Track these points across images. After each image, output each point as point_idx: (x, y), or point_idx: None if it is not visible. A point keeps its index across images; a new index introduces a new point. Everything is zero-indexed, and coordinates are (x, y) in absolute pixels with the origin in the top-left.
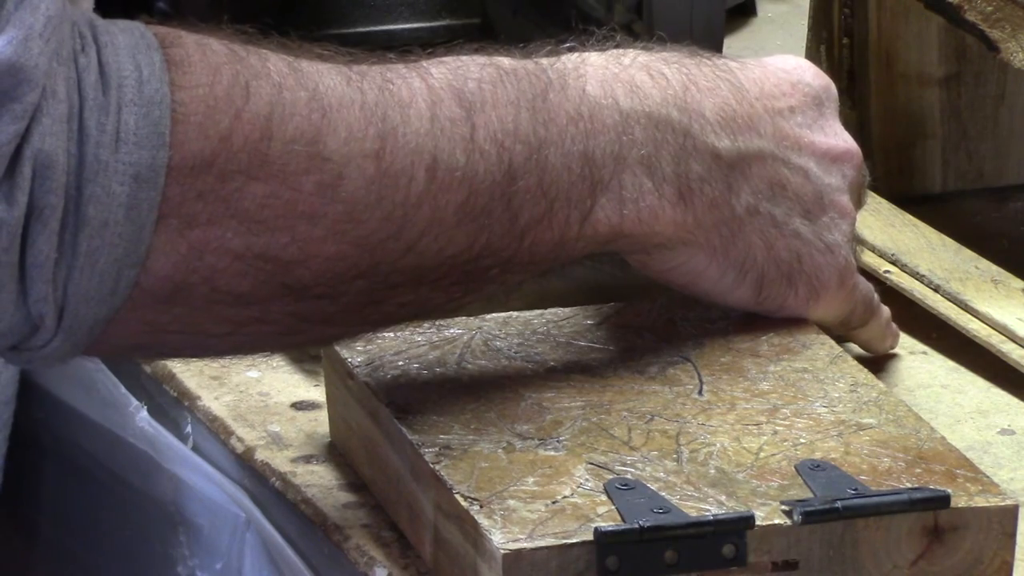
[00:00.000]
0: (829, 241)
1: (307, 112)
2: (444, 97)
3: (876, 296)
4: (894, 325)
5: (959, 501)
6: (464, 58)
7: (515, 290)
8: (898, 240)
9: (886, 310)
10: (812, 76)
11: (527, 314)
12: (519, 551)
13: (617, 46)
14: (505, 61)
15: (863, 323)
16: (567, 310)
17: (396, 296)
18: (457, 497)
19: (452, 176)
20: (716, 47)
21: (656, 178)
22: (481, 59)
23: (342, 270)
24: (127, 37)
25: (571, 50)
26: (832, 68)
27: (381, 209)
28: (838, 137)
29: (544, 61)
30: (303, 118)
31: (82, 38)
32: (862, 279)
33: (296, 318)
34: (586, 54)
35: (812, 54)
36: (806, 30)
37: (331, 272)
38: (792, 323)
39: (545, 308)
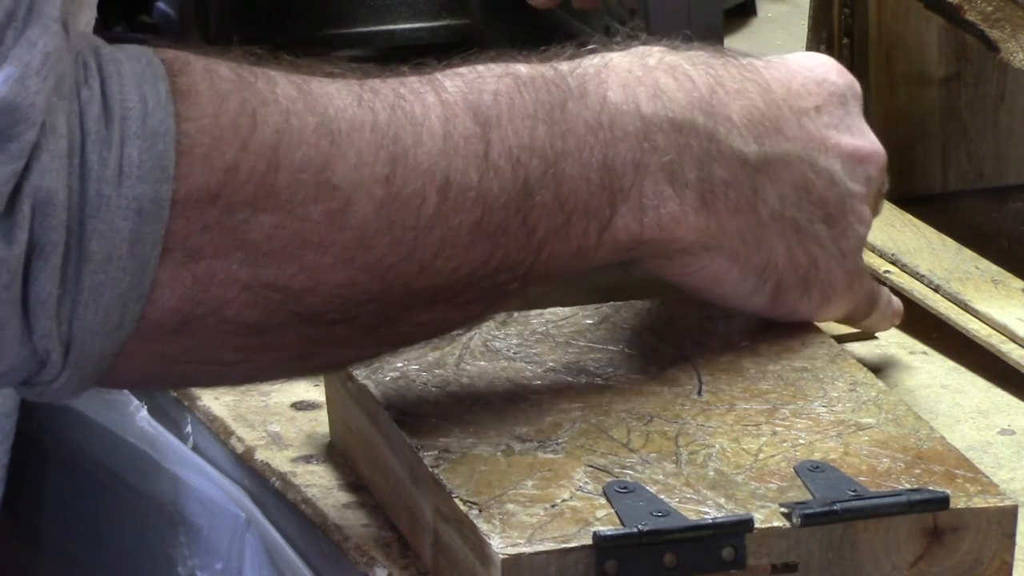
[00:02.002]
0: (844, 247)
1: (315, 139)
2: (459, 112)
3: (875, 285)
4: (895, 300)
5: (958, 502)
6: (480, 68)
7: (535, 302)
8: (898, 240)
9: (885, 292)
10: (836, 74)
11: (526, 314)
12: (518, 556)
13: (643, 44)
14: (523, 69)
15: (866, 316)
16: (566, 310)
17: (412, 316)
18: (456, 501)
19: (465, 196)
20: None
21: (677, 184)
22: (498, 69)
23: (353, 295)
24: (133, 65)
25: (593, 52)
26: None
27: (391, 234)
28: (864, 137)
29: (564, 67)
30: (311, 145)
31: (86, 68)
32: (866, 276)
33: (310, 343)
34: (609, 56)
35: None
36: (806, 30)
37: (341, 298)
38: (792, 322)
39: (544, 308)
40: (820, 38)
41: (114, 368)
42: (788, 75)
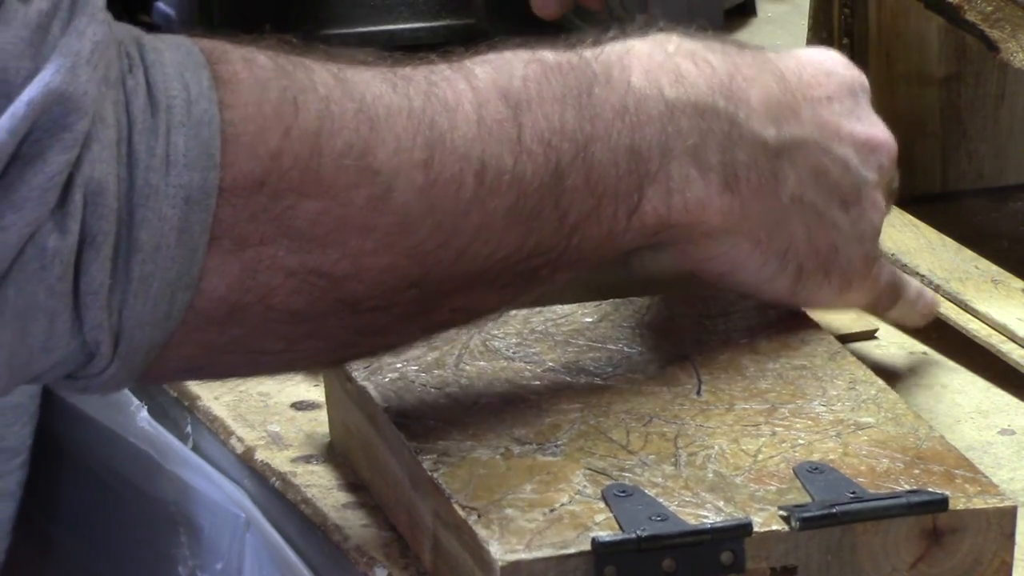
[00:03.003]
0: (860, 231)
1: (355, 125)
2: (490, 98)
3: (900, 276)
4: (927, 293)
5: (957, 503)
6: (507, 54)
7: (565, 288)
8: (898, 240)
9: (913, 285)
10: (844, 67)
11: (525, 312)
12: (517, 562)
13: (660, 31)
14: (549, 56)
15: (891, 307)
16: (566, 308)
17: (449, 302)
18: (455, 506)
19: (501, 180)
20: None
21: (702, 167)
22: (525, 55)
23: (394, 281)
24: (174, 54)
25: (614, 39)
26: None
27: (432, 218)
28: (876, 127)
29: (588, 53)
30: (352, 131)
31: (129, 58)
32: (886, 265)
33: (350, 331)
34: (630, 42)
35: None
36: (806, 30)
37: (384, 284)
38: (791, 319)
39: (544, 306)
40: (820, 38)
41: (160, 359)
42: (799, 66)
